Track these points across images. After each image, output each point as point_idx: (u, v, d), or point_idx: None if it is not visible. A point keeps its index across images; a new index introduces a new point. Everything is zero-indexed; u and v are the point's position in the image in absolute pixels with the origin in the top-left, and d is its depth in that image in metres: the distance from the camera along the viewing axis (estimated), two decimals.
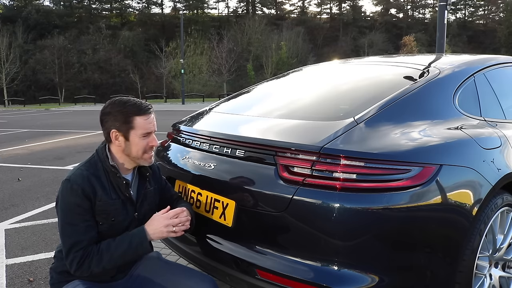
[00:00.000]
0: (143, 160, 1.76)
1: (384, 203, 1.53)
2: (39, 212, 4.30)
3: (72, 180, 1.66)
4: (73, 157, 7.57)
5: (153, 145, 1.76)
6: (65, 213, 1.66)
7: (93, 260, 1.63)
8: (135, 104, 1.72)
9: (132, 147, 1.72)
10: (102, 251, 1.64)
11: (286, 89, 2.87)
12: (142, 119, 1.71)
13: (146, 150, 1.74)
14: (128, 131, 1.71)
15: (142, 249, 1.70)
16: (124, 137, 1.71)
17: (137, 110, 1.71)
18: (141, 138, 1.72)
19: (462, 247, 1.70)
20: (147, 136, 1.74)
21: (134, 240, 1.68)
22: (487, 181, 1.79)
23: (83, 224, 1.65)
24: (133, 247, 1.67)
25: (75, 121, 16.99)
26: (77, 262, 1.62)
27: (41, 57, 48.48)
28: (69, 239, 1.65)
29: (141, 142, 1.72)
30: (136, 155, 1.74)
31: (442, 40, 8.56)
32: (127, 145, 1.72)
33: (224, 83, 44.61)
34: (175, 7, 67.35)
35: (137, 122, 1.70)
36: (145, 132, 1.72)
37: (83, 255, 1.63)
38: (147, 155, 1.76)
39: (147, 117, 1.73)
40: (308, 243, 1.61)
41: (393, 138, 1.71)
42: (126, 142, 1.72)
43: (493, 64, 2.47)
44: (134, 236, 1.69)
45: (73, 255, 1.63)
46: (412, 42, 50.50)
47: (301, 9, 75.69)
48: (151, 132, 1.75)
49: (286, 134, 1.87)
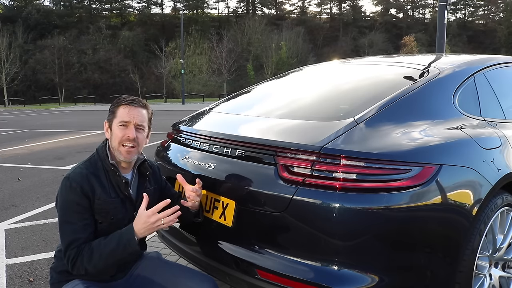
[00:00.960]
0: (119, 153, 1.75)
1: (384, 203, 1.53)
2: (39, 212, 4.31)
3: (71, 178, 1.67)
4: (73, 157, 7.57)
5: (128, 137, 1.74)
6: (64, 211, 1.67)
7: (84, 258, 1.62)
8: (125, 98, 1.80)
9: (112, 137, 1.77)
10: (92, 249, 1.64)
11: (286, 89, 2.87)
12: (123, 108, 1.76)
13: (122, 141, 1.74)
14: (112, 120, 1.77)
15: (131, 247, 1.65)
16: (109, 127, 1.78)
17: (122, 101, 1.78)
18: (119, 127, 1.74)
19: (462, 247, 1.70)
20: (125, 127, 1.74)
21: (123, 238, 1.65)
22: (487, 181, 1.79)
23: (81, 222, 1.66)
24: (121, 245, 1.64)
25: (75, 121, 16.99)
26: (71, 260, 1.63)
27: (41, 57, 48.49)
28: (67, 237, 1.65)
29: (118, 131, 1.74)
30: (114, 145, 1.75)
31: (442, 40, 8.54)
32: (111, 135, 1.77)
33: (224, 83, 44.62)
34: (175, 7, 67.40)
35: (119, 111, 1.76)
36: (122, 121, 1.74)
37: (76, 253, 1.63)
38: (123, 148, 1.74)
39: (129, 108, 1.76)
40: (308, 243, 1.61)
41: (393, 138, 1.71)
42: (111, 132, 1.78)
43: (493, 64, 2.47)
44: (122, 234, 1.66)
45: (69, 253, 1.64)
46: (412, 42, 50.49)
47: (301, 9, 75.70)
48: (129, 122, 1.74)
49: (286, 134, 1.87)
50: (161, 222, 1.65)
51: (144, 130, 1.80)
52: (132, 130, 1.75)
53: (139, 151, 1.80)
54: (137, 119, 1.76)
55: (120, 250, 1.64)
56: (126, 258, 1.70)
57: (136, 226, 1.67)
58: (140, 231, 1.66)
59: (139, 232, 1.66)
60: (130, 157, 1.76)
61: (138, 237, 1.66)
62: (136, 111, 1.76)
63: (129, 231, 1.66)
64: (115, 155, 1.77)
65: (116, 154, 1.76)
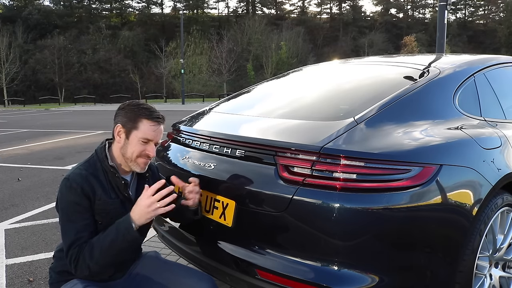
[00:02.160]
0: (136, 164, 1.74)
1: (384, 203, 1.53)
2: (39, 212, 4.31)
3: (71, 178, 1.67)
4: (73, 157, 7.57)
5: (149, 155, 1.73)
6: (65, 211, 1.66)
7: (86, 255, 1.61)
8: (149, 109, 1.73)
9: (129, 147, 1.72)
10: (92, 245, 1.63)
11: (286, 89, 2.87)
12: (148, 124, 1.71)
13: (141, 156, 1.73)
14: (131, 130, 1.71)
15: (130, 236, 1.63)
16: (125, 135, 1.72)
17: (148, 114, 1.71)
18: (139, 142, 1.71)
19: (462, 247, 1.70)
20: (146, 143, 1.72)
21: (121, 227, 1.64)
22: (487, 181, 1.79)
23: (82, 222, 1.65)
24: (120, 234, 1.62)
25: (75, 121, 16.99)
26: (74, 258, 1.62)
27: (41, 57, 48.49)
28: (69, 237, 1.64)
29: (138, 146, 1.71)
30: (130, 156, 1.72)
31: (442, 40, 8.54)
32: (125, 144, 1.72)
33: (224, 83, 44.62)
34: (175, 7, 67.41)
35: (142, 125, 1.70)
36: (145, 138, 1.71)
37: (78, 251, 1.63)
38: (141, 160, 1.73)
39: (154, 124, 1.72)
40: (308, 243, 1.61)
41: (393, 138, 1.71)
42: (125, 140, 1.72)
43: (493, 64, 2.47)
44: (120, 224, 1.65)
45: (71, 252, 1.63)
46: (413, 42, 50.49)
47: (301, 9, 75.70)
48: (152, 140, 1.72)
49: (286, 134, 1.87)
50: (156, 205, 1.64)
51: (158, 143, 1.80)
52: (153, 148, 1.74)
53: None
54: (159, 138, 1.75)
55: (120, 239, 1.62)
56: (127, 249, 1.67)
57: (133, 213, 1.66)
58: (136, 217, 1.64)
59: (135, 218, 1.64)
60: (145, 169, 1.77)
61: (136, 224, 1.64)
62: (158, 128, 1.73)
63: (126, 219, 1.65)
64: (128, 164, 1.75)
65: (130, 164, 1.74)
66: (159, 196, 1.65)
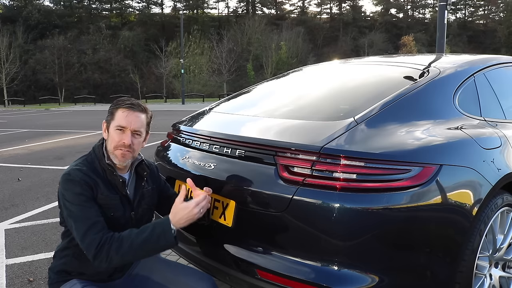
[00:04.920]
0: (115, 156, 1.74)
1: (384, 203, 1.53)
2: (39, 212, 4.31)
3: (72, 174, 1.66)
4: (73, 157, 7.56)
5: (124, 142, 1.72)
6: (73, 202, 1.63)
7: (112, 246, 1.57)
8: (125, 100, 1.78)
9: (109, 140, 1.76)
10: (122, 238, 1.60)
11: (286, 89, 2.87)
12: (122, 112, 1.74)
13: (118, 145, 1.72)
14: (110, 122, 1.76)
15: (165, 239, 1.62)
16: (107, 129, 1.77)
17: (121, 104, 1.76)
18: (115, 131, 1.73)
19: (462, 247, 1.70)
20: (121, 132, 1.73)
21: (157, 228, 1.63)
22: (487, 181, 1.79)
23: (93, 208, 1.64)
24: (155, 235, 1.61)
25: (75, 121, 16.99)
26: (95, 246, 1.57)
27: (41, 57, 48.51)
28: (84, 224, 1.60)
29: (115, 135, 1.73)
30: (110, 148, 1.74)
31: (442, 40, 8.56)
32: (108, 138, 1.76)
33: (224, 83, 44.63)
34: (175, 7, 67.43)
35: (117, 114, 1.74)
36: (119, 125, 1.72)
37: (102, 239, 1.58)
38: (118, 151, 1.72)
39: (127, 112, 1.73)
40: (308, 243, 1.61)
41: (393, 138, 1.71)
42: (108, 134, 1.77)
43: (493, 64, 2.47)
44: (156, 225, 1.65)
45: (91, 238, 1.58)
46: (411, 42, 50.50)
47: (301, 9, 75.72)
48: (125, 127, 1.72)
49: (286, 134, 1.87)
50: (199, 210, 1.68)
51: (141, 135, 1.78)
52: (128, 136, 1.73)
53: (134, 155, 1.78)
54: (134, 125, 1.74)
55: (154, 240, 1.61)
56: (155, 251, 1.68)
57: (175, 217, 1.66)
58: (180, 222, 1.66)
59: (178, 223, 1.66)
60: (124, 161, 1.75)
61: (175, 228, 1.65)
62: (134, 116, 1.74)
63: (165, 222, 1.65)
64: (111, 158, 1.75)
65: (111, 156, 1.75)
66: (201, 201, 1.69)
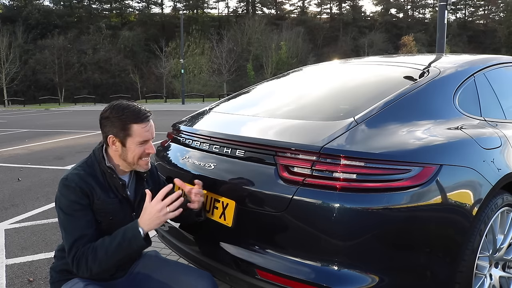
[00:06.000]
0: (139, 166, 1.75)
1: (384, 203, 1.53)
2: (39, 212, 4.31)
3: (69, 178, 1.67)
4: (73, 157, 7.56)
5: (149, 152, 1.74)
6: (65, 211, 1.65)
7: (89, 257, 1.61)
8: (134, 111, 1.70)
9: (129, 153, 1.72)
10: (96, 248, 1.62)
11: (286, 89, 2.87)
12: (140, 127, 1.69)
13: (142, 156, 1.74)
14: (125, 138, 1.70)
15: (137, 242, 1.63)
16: (121, 143, 1.71)
17: (135, 118, 1.69)
18: (137, 146, 1.71)
19: (462, 247, 1.70)
20: (144, 144, 1.72)
21: (128, 233, 1.63)
22: (487, 181, 1.79)
23: (83, 219, 1.65)
24: (127, 240, 1.62)
25: (75, 121, 16.99)
26: (75, 258, 1.61)
27: (41, 57, 48.51)
28: (72, 235, 1.63)
29: (138, 149, 1.71)
30: (132, 161, 1.73)
31: (442, 40, 8.55)
32: (123, 151, 1.72)
33: (224, 83, 44.61)
34: (175, 7, 67.41)
35: (134, 130, 1.69)
36: (142, 140, 1.71)
37: (81, 251, 1.61)
38: (143, 161, 1.75)
39: (145, 125, 1.71)
40: (308, 243, 1.61)
41: (393, 138, 1.71)
42: (123, 148, 1.72)
43: (493, 64, 2.47)
44: (127, 229, 1.65)
45: (74, 250, 1.62)
46: (411, 42, 50.50)
47: (301, 9, 75.70)
48: (148, 140, 1.73)
49: (286, 134, 1.87)
50: (166, 210, 1.63)
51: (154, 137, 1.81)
52: (151, 144, 1.75)
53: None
54: (153, 132, 1.76)
55: (126, 245, 1.62)
56: (131, 254, 1.68)
57: (141, 219, 1.65)
58: (145, 223, 1.64)
59: (144, 225, 1.64)
60: (149, 167, 1.79)
61: (144, 231, 1.64)
62: (151, 126, 1.74)
63: (134, 225, 1.65)
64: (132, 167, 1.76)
65: (133, 167, 1.76)
66: (169, 201, 1.64)
